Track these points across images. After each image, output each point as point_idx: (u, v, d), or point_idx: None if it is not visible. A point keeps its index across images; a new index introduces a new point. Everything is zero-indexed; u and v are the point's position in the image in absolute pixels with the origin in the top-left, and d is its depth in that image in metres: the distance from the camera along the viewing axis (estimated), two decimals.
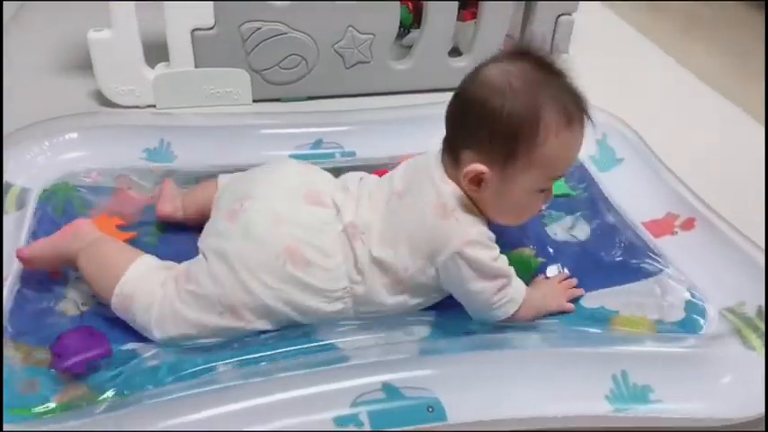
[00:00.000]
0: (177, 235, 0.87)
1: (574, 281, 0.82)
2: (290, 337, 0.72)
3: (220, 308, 0.70)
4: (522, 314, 0.75)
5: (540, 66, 0.71)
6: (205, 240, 0.75)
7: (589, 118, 0.71)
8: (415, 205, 0.73)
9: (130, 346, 0.71)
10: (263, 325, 0.71)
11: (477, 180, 0.71)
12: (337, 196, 0.77)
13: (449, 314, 0.76)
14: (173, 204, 0.87)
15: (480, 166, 0.70)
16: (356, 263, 0.72)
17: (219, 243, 0.72)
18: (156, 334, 0.70)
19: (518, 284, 0.74)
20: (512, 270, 0.74)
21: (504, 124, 0.68)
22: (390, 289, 0.73)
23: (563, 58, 0.71)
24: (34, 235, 0.82)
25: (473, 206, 0.73)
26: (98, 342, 0.70)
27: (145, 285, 0.71)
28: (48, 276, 0.78)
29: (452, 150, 0.74)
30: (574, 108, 0.70)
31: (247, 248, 0.71)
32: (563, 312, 0.78)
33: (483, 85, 0.70)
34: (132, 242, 0.84)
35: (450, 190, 0.72)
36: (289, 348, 0.71)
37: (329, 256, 0.72)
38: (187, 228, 0.86)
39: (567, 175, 0.71)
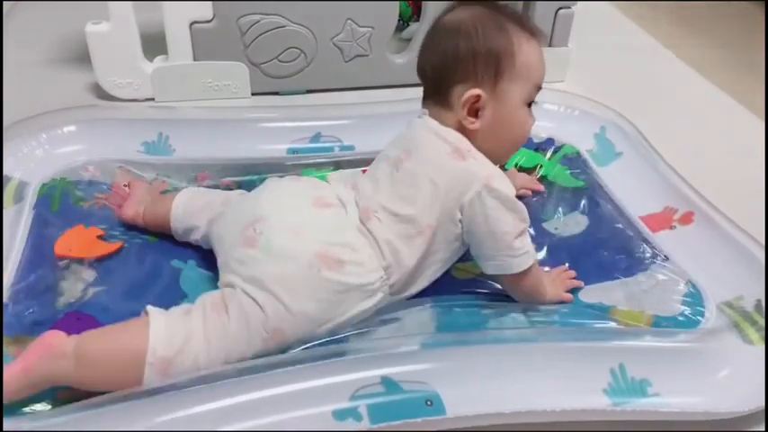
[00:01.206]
0: None
1: (572, 273, 0.83)
2: None
3: (264, 333, 0.67)
4: (521, 294, 0.77)
5: (488, 4, 0.79)
6: (228, 275, 0.71)
7: (543, 35, 0.80)
8: (427, 158, 0.74)
9: None
10: (306, 341, 0.69)
11: (475, 109, 0.75)
12: (340, 192, 0.77)
13: (447, 309, 0.77)
14: (135, 210, 0.86)
15: (476, 90, 0.74)
16: (380, 247, 0.72)
17: (247, 270, 0.69)
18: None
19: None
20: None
21: (484, 48, 0.75)
22: (418, 251, 0.72)
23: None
24: (31, 231, 0.82)
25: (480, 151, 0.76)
26: (86, 324, 0.69)
27: (177, 342, 0.65)
28: (44, 269, 0.78)
29: (440, 97, 0.77)
30: (529, 27, 0.79)
31: (278, 267, 0.69)
32: (561, 302, 0.79)
33: (452, 27, 0.77)
34: (130, 241, 0.84)
35: (457, 135, 0.76)
36: None
37: (357, 250, 0.71)
38: None
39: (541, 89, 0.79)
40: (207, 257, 0.82)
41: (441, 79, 0.77)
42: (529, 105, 0.78)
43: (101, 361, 0.64)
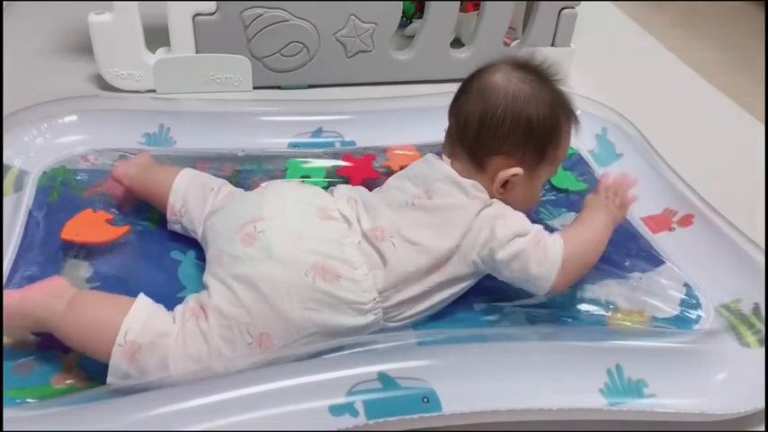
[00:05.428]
0: None
1: (628, 182, 0.84)
2: None
3: (249, 338, 0.66)
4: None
5: (542, 74, 0.79)
6: (218, 269, 0.70)
7: (576, 119, 0.81)
8: (447, 203, 0.74)
9: None
10: (290, 351, 0.67)
11: (506, 182, 0.76)
12: (343, 209, 0.76)
13: (445, 307, 0.77)
14: (125, 170, 0.85)
15: (517, 169, 0.75)
16: (385, 269, 0.71)
17: (241, 268, 0.68)
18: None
19: (554, 239, 0.74)
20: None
21: (540, 129, 0.75)
22: (426, 281, 0.72)
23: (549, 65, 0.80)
24: (30, 221, 0.82)
25: None
26: None
27: (152, 332, 0.65)
28: (43, 257, 0.78)
29: (475, 156, 0.77)
30: (573, 109, 0.80)
31: (275, 270, 0.68)
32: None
33: (513, 97, 0.75)
34: (133, 227, 0.84)
35: (478, 186, 0.75)
36: None
37: (355, 268, 0.70)
38: None
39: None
40: None
41: (484, 142, 0.76)
42: None
43: (83, 320, 0.66)
